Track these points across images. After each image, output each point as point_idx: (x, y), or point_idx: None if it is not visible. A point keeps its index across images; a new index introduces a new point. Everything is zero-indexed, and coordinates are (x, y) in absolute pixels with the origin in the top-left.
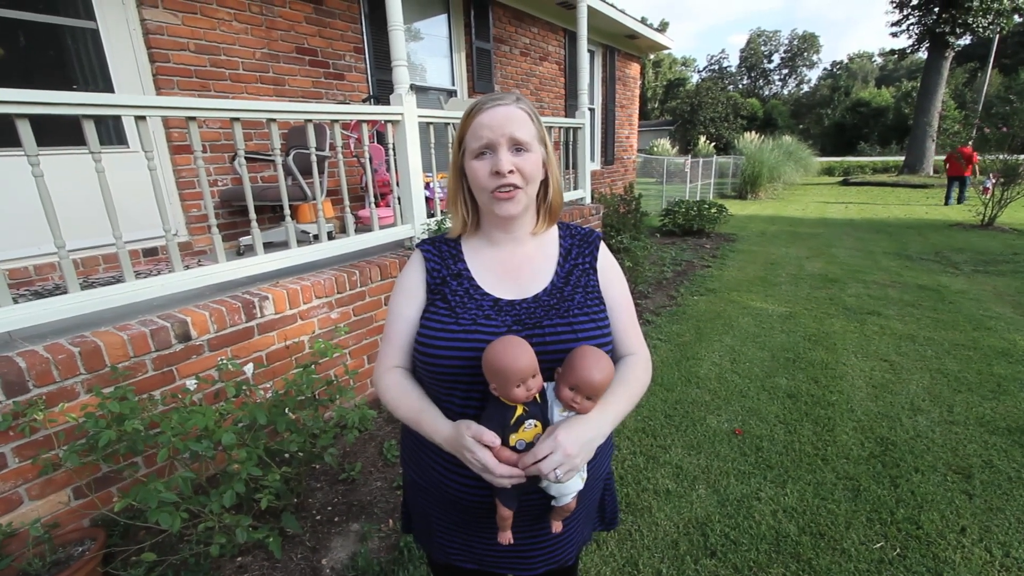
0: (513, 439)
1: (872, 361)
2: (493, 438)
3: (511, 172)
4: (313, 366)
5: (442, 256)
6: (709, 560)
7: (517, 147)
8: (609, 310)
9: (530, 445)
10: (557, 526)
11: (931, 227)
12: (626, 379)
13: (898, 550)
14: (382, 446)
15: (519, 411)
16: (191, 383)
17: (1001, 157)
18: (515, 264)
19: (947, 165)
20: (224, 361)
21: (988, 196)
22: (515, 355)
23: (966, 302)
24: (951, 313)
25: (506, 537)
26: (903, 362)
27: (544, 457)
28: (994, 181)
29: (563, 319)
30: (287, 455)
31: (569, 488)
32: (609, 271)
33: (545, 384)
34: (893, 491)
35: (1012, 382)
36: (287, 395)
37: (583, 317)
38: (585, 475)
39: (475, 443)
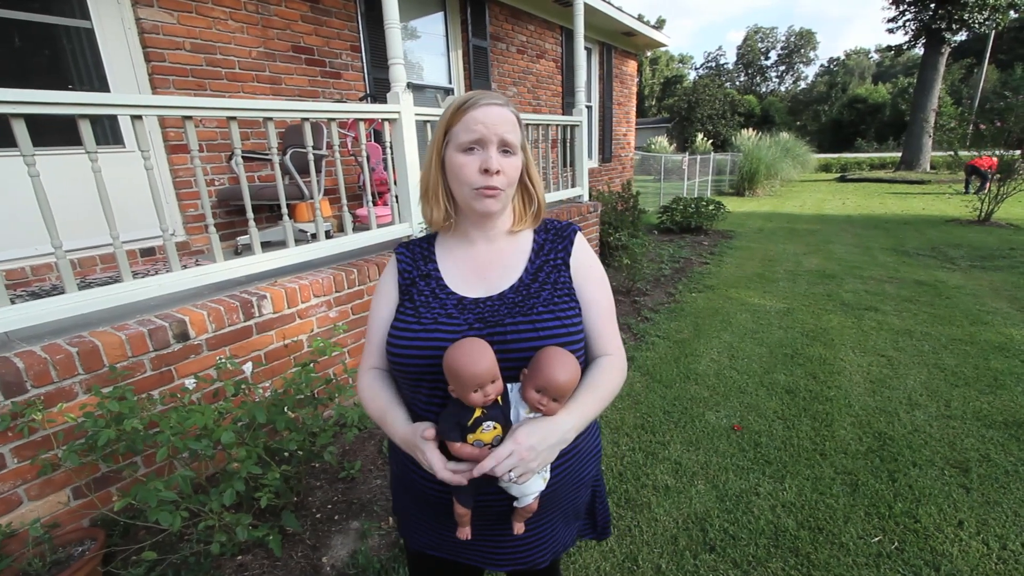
0: (471, 439)
1: (870, 356)
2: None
3: (497, 173)
4: (312, 365)
5: (414, 257)
6: (708, 555)
7: (505, 149)
8: (584, 307)
9: (489, 447)
10: (519, 527)
11: (928, 223)
12: (596, 382)
13: (896, 544)
14: (381, 444)
15: (477, 413)
16: (190, 382)
17: (997, 152)
18: (486, 262)
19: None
20: (223, 360)
21: (985, 192)
22: (473, 360)
23: (963, 297)
24: (948, 308)
25: (464, 533)
26: (900, 357)
27: (502, 459)
28: (990, 177)
29: (526, 317)
30: (287, 454)
31: (529, 489)
32: (584, 267)
33: (509, 385)
34: (891, 485)
35: (1009, 376)
36: (286, 394)
37: (547, 315)
38: (547, 476)
39: (425, 443)
